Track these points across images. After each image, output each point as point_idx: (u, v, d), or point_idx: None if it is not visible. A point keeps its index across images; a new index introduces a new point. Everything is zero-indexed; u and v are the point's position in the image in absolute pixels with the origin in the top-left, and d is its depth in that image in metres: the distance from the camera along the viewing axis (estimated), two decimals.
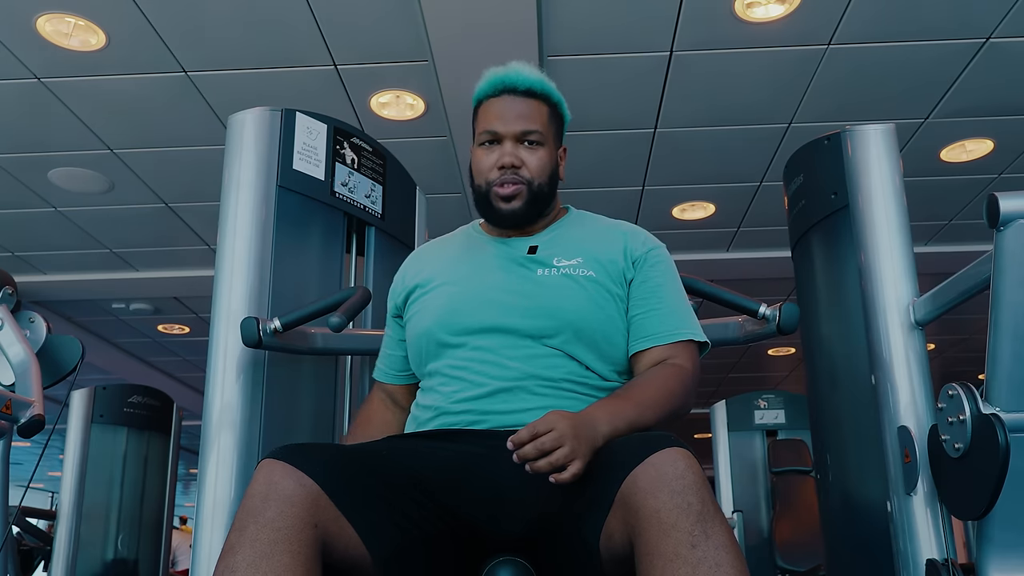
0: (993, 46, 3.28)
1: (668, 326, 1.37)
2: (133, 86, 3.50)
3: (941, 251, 5.11)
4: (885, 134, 1.93)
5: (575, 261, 1.38)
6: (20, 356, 2.04)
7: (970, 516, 1.50)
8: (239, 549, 1.01)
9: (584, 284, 1.35)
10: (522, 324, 1.32)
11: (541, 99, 1.42)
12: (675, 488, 0.98)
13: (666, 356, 1.35)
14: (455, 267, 1.45)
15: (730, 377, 8.77)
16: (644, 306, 1.38)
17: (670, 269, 1.44)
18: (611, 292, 1.36)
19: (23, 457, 9.30)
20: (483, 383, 1.31)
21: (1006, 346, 1.37)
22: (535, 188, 1.39)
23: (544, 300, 1.33)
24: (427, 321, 1.39)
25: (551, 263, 1.38)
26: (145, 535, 4.19)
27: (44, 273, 5.57)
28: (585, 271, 1.36)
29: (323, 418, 1.89)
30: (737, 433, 4.71)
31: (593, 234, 1.45)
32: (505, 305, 1.34)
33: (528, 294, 1.35)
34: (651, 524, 0.98)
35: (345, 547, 1.09)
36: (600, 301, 1.35)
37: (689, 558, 0.95)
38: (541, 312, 1.32)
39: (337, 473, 1.11)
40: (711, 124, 3.88)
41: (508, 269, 1.39)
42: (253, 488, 1.06)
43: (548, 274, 1.36)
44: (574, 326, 1.31)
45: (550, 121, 1.43)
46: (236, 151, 1.84)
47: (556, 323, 1.31)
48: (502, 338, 1.32)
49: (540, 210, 1.42)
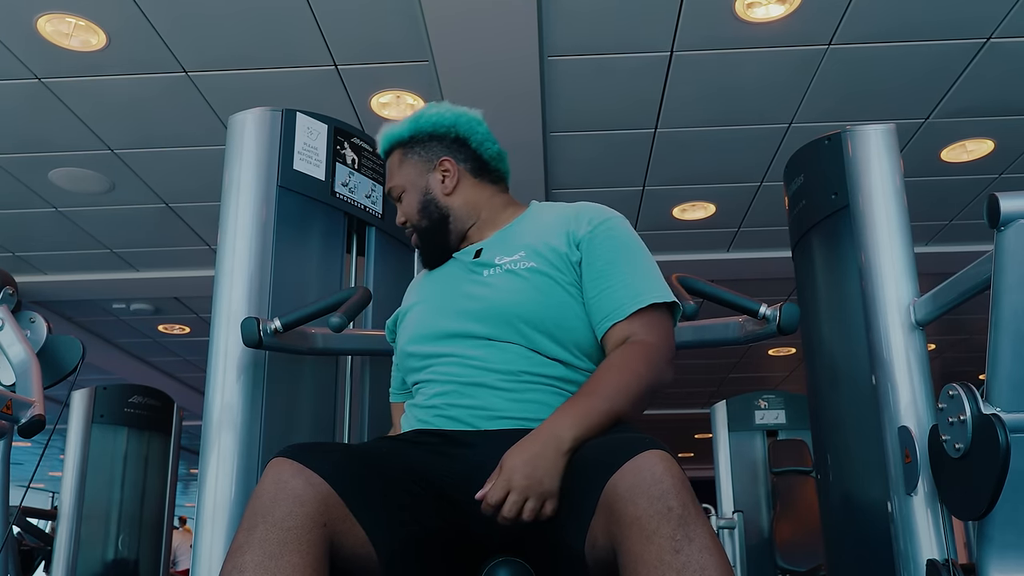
0: (994, 46, 3.28)
1: (621, 300, 1.33)
2: (134, 86, 3.50)
3: (941, 251, 5.11)
4: (885, 134, 1.93)
5: (516, 256, 1.41)
6: (21, 356, 2.04)
7: (970, 516, 1.50)
8: (248, 549, 1.01)
9: (526, 276, 1.37)
10: (475, 326, 1.36)
11: (396, 149, 1.55)
12: (654, 494, 0.97)
13: (627, 333, 1.31)
14: (425, 289, 1.53)
15: (730, 377, 8.77)
16: (596, 288, 1.36)
17: (619, 240, 1.40)
18: (556, 279, 1.37)
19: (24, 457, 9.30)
20: (448, 382, 1.36)
21: (1006, 346, 1.37)
22: (420, 226, 1.52)
23: (490, 298, 1.37)
24: (402, 340, 1.48)
25: (494, 263, 1.42)
26: (145, 535, 4.18)
27: (45, 273, 5.57)
28: (526, 263, 1.38)
29: (324, 418, 1.89)
30: (737, 433, 4.70)
31: (539, 226, 1.46)
32: (458, 310, 1.39)
33: (476, 296, 1.39)
34: (632, 531, 0.97)
35: (353, 546, 1.09)
36: (545, 289, 1.36)
37: (673, 563, 0.94)
38: (488, 311, 1.36)
39: (346, 472, 1.11)
40: (711, 124, 3.88)
41: (460, 277, 1.45)
42: (262, 487, 1.06)
43: (492, 273, 1.40)
44: (521, 318, 1.34)
45: (402, 163, 1.53)
46: (237, 151, 1.84)
47: (504, 318, 1.34)
48: (462, 341, 1.37)
49: (439, 235, 1.51)
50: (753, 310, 1.66)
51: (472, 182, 1.52)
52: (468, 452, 1.27)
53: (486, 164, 1.54)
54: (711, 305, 1.69)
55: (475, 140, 1.53)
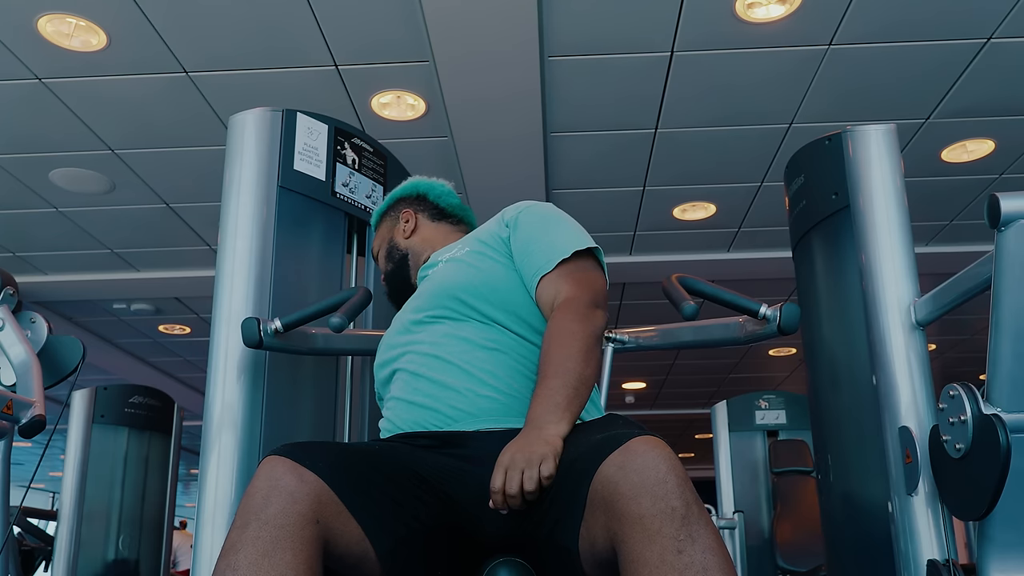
0: (994, 46, 3.28)
1: (543, 257, 1.40)
2: (134, 86, 3.50)
3: (942, 251, 5.11)
4: (886, 134, 1.93)
5: (456, 250, 1.54)
6: (21, 356, 2.04)
7: (971, 516, 1.50)
8: (241, 547, 1.01)
9: (463, 259, 1.48)
10: (419, 315, 1.45)
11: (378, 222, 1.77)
12: (657, 493, 0.96)
13: (554, 291, 1.38)
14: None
15: (731, 377, 8.77)
16: (523, 252, 1.44)
17: (543, 215, 1.49)
18: (488, 255, 1.46)
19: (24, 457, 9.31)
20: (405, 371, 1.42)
21: (1007, 346, 1.37)
22: (387, 271, 1.72)
23: (432, 287, 1.47)
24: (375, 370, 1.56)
25: (436, 261, 1.56)
26: (146, 535, 4.19)
27: (45, 273, 5.57)
28: (463, 250, 1.51)
29: (324, 418, 1.89)
30: (738, 433, 4.71)
31: (480, 227, 1.59)
32: (410, 307, 1.50)
33: (420, 292, 1.51)
34: (635, 530, 0.96)
35: (347, 543, 1.09)
36: (479, 263, 1.45)
37: (676, 564, 0.93)
38: (431, 296, 1.45)
39: (340, 469, 1.11)
40: (712, 124, 3.88)
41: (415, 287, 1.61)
42: (255, 485, 1.06)
43: (436, 269, 1.54)
44: (458, 287, 1.42)
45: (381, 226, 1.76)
46: (237, 151, 1.84)
47: (440, 295, 1.43)
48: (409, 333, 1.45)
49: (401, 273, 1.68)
50: (753, 310, 1.65)
51: (430, 224, 1.70)
52: (462, 450, 1.27)
53: (443, 210, 1.72)
54: (711, 305, 1.69)
55: (433, 194, 1.73)
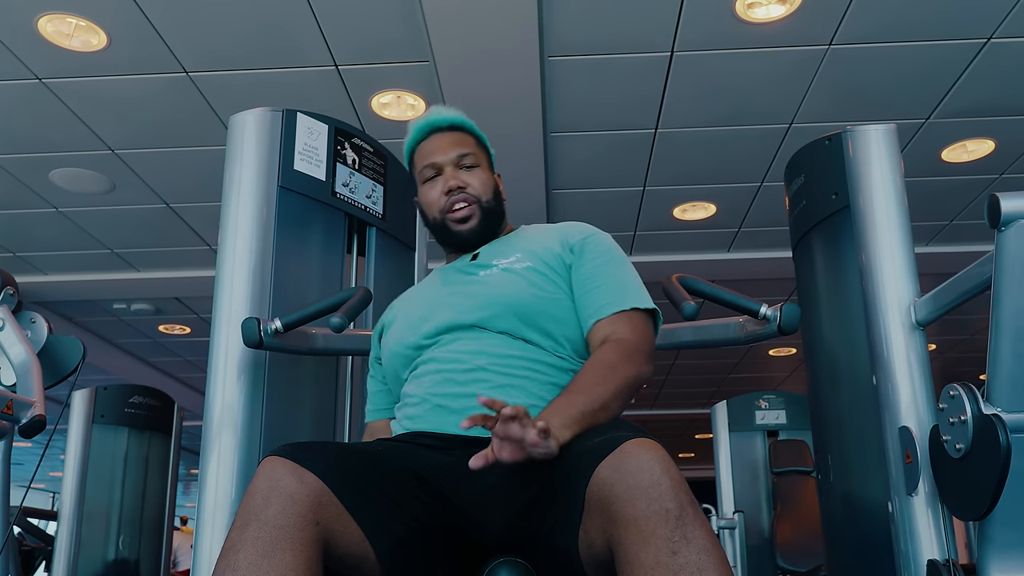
0: (994, 46, 3.28)
1: (607, 299, 1.39)
2: (134, 87, 3.50)
3: (942, 251, 5.11)
4: (886, 134, 1.93)
5: (513, 258, 1.46)
6: (21, 356, 2.04)
7: (971, 516, 1.50)
8: (240, 548, 1.01)
9: (522, 273, 1.43)
10: (468, 317, 1.40)
11: (465, 131, 1.58)
12: (652, 495, 0.96)
13: (609, 331, 1.36)
14: (412, 298, 1.58)
15: (731, 377, 8.77)
16: (584, 287, 1.42)
17: (609, 251, 1.48)
18: (550, 277, 1.43)
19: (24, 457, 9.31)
20: (442, 372, 1.37)
21: (1007, 346, 1.37)
22: (484, 205, 1.51)
23: (486, 292, 1.41)
24: (392, 342, 1.50)
25: (491, 264, 1.47)
26: (146, 535, 4.19)
27: (45, 273, 5.57)
28: (523, 263, 1.44)
29: (324, 418, 1.89)
30: (738, 433, 4.71)
31: (532, 237, 1.53)
32: (451, 306, 1.43)
33: (471, 293, 1.43)
34: (630, 532, 0.96)
35: (347, 544, 1.09)
36: (539, 283, 1.41)
37: (671, 565, 0.93)
38: (483, 302, 1.40)
39: (340, 469, 1.11)
40: (712, 124, 3.88)
41: (454, 279, 1.50)
42: (255, 486, 1.06)
43: (489, 272, 1.46)
44: (514, 308, 1.38)
45: (478, 146, 1.57)
46: (237, 151, 1.84)
47: (498, 308, 1.38)
48: (456, 334, 1.40)
49: (494, 227, 1.54)
50: (754, 310, 1.66)
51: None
52: (465, 453, 1.27)
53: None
54: (712, 305, 1.69)
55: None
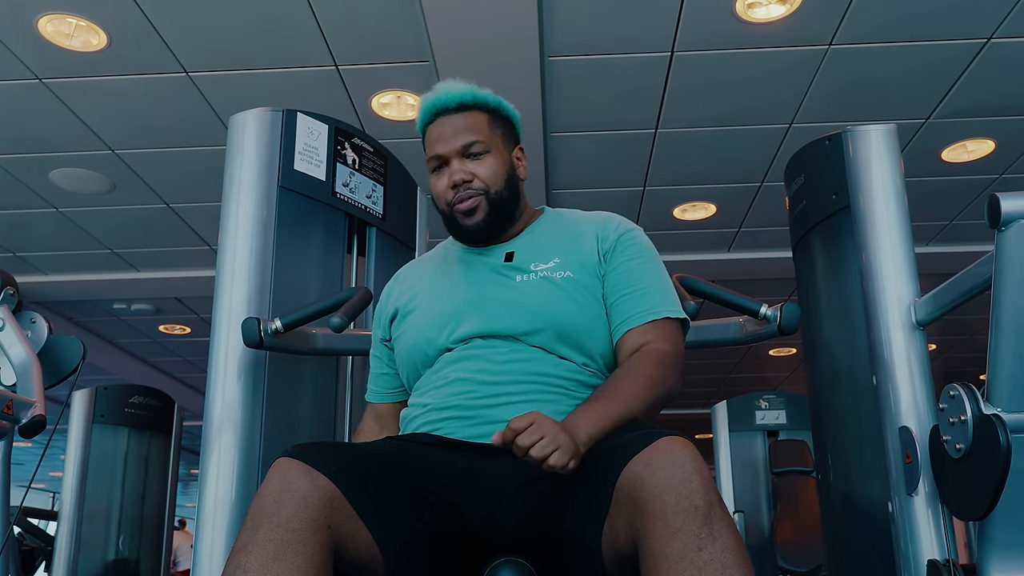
0: (994, 46, 3.28)
1: (642, 307, 1.35)
2: (134, 87, 3.50)
3: (942, 251, 5.11)
4: (886, 134, 1.93)
5: (552, 263, 1.39)
6: (21, 356, 2.04)
7: (971, 516, 1.50)
8: (251, 549, 1.01)
9: (563, 286, 1.36)
10: (505, 328, 1.34)
11: (475, 109, 1.44)
12: (682, 491, 0.97)
13: (644, 340, 1.33)
14: (436, 283, 1.46)
15: (731, 377, 8.77)
16: (617, 292, 1.37)
17: (643, 251, 1.43)
18: (590, 290, 1.38)
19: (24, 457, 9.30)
20: (470, 382, 1.32)
21: (1007, 346, 1.37)
22: (492, 196, 1.40)
23: (526, 304, 1.35)
24: (414, 337, 1.41)
25: (529, 268, 1.39)
26: (146, 535, 4.19)
27: (45, 273, 5.57)
28: (563, 272, 1.37)
29: (324, 418, 1.89)
30: (738, 433, 4.71)
31: (567, 232, 1.45)
32: (487, 313, 1.36)
33: (509, 300, 1.36)
34: (657, 526, 0.97)
35: (357, 547, 1.09)
36: (581, 300, 1.36)
37: (695, 560, 0.95)
38: (523, 315, 1.33)
39: (350, 472, 1.10)
40: (712, 124, 3.88)
41: (488, 279, 1.41)
42: (267, 487, 1.06)
43: (527, 279, 1.38)
44: (556, 327, 1.33)
45: (491, 126, 1.43)
46: (237, 151, 1.84)
47: (538, 324, 1.32)
48: (488, 342, 1.34)
49: (505, 217, 1.43)
50: (754, 310, 1.66)
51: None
52: (474, 454, 1.27)
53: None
54: (712, 305, 1.69)
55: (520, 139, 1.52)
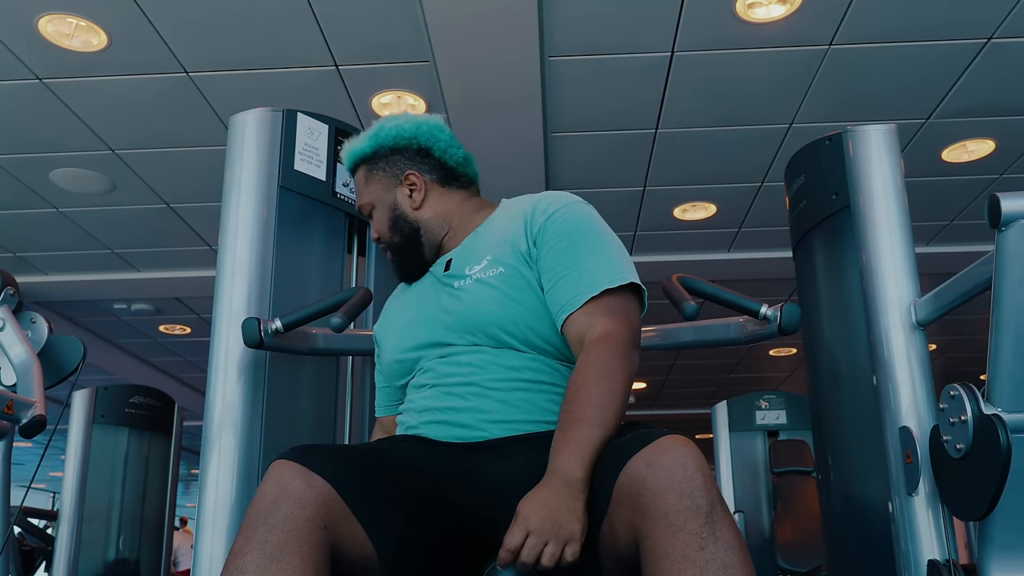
0: (995, 46, 3.28)
1: (575, 289, 1.28)
2: (134, 87, 3.50)
3: (942, 251, 5.11)
4: (886, 134, 1.93)
5: (484, 262, 1.37)
6: (21, 356, 2.04)
7: (972, 517, 1.50)
8: (248, 551, 1.01)
9: (496, 285, 1.34)
10: (452, 337, 1.35)
11: (361, 166, 1.53)
12: (684, 490, 0.97)
13: (586, 324, 1.25)
14: (402, 302, 1.53)
15: (731, 378, 8.77)
16: (550, 280, 1.32)
17: (572, 229, 1.34)
18: (527, 280, 1.34)
19: (24, 457, 9.31)
20: (440, 386, 1.34)
21: (1008, 346, 1.37)
22: (392, 243, 1.51)
23: (463, 311, 1.35)
24: (387, 351, 1.48)
25: (464, 273, 1.39)
26: (146, 535, 4.19)
27: (46, 274, 5.57)
28: (494, 269, 1.35)
29: (324, 418, 1.89)
30: (738, 433, 4.71)
31: (500, 226, 1.43)
32: (433, 322, 1.38)
33: (449, 309, 1.37)
34: (659, 525, 0.97)
35: (354, 548, 1.09)
36: (516, 295, 1.33)
37: (697, 560, 0.95)
38: (463, 323, 1.34)
39: (347, 473, 1.11)
40: (712, 124, 3.88)
41: (433, 290, 1.44)
42: (264, 489, 1.06)
43: (463, 284, 1.37)
44: (497, 326, 1.32)
45: (369, 181, 1.52)
46: (237, 151, 1.84)
47: (480, 329, 1.33)
48: (443, 350, 1.36)
49: (411, 252, 1.50)
50: (754, 310, 1.65)
51: (440, 192, 1.50)
52: (471, 453, 1.27)
53: (453, 171, 1.51)
54: (712, 305, 1.68)
55: (438, 149, 1.50)
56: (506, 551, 1.05)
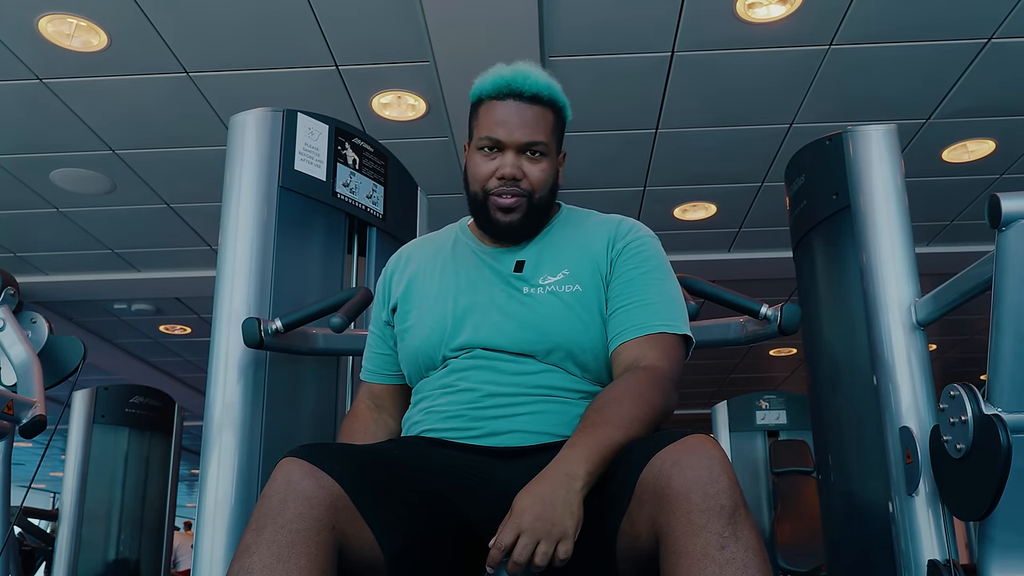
0: (995, 46, 3.28)
1: (638, 320, 1.29)
2: (135, 87, 3.50)
3: (943, 251, 5.11)
4: (887, 134, 1.93)
5: (560, 276, 1.34)
6: (22, 356, 2.04)
7: (972, 517, 1.50)
8: (256, 550, 1.00)
9: (570, 303, 1.32)
10: (511, 343, 1.31)
11: (547, 105, 1.36)
12: (709, 491, 0.98)
13: (638, 355, 1.26)
14: (444, 279, 1.41)
15: (731, 378, 8.77)
16: (617, 303, 1.32)
17: (648, 260, 1.35)
18: (598, 305, 1.33)
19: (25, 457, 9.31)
20: (476, 392, 1.30)
21: (1008, 347, 1.37)
22: (535, 201, 1.35)
23: (531, 321, 1.31)
24: (420, 339, 1.37)
25: (536, 282, 1.34)
26: (147, 535, 4.19)
27: (46, 274, 5.57)
28: (570, 286, 1.33)
29: (324, 418, 1.89)
30: (739, 433, 4.71)
31: (580, 239, 1.40)
32: (494, 324, 1.32)
33: (514, 314, 1.32)
34: (681, 523, 0.98)
35: (361, 548, 1.09)
36: (587, 319, 1.31)
37: (717, 558, 0.95)
38: (528, 334, 1.30)
39: (356, 473, 1.10)
40: (712, 124, 3.88)
41: (496, 287, 1.36)
42: (272, 488, 1.05)
43: (534, 293, 1.33)
44: (562, 348, 1.30)
45: (554, 130, 1.37)
46: (238, 152, 1.84)
47: (544, 344, 1.30)
48: (493, 354, 1.31)
49: (539, 222, 1.39)
50: (754, 310, 1.65)
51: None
52: (480, 456, 1.27)
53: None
54: (712, 305, 1.69)
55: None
56: (497, 549, 1.05)
